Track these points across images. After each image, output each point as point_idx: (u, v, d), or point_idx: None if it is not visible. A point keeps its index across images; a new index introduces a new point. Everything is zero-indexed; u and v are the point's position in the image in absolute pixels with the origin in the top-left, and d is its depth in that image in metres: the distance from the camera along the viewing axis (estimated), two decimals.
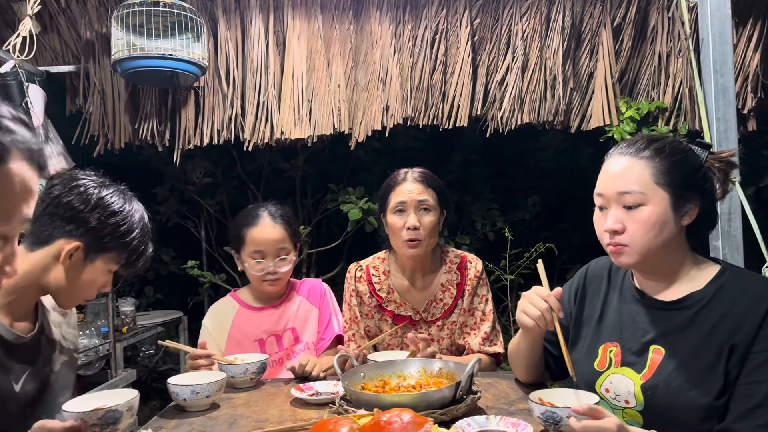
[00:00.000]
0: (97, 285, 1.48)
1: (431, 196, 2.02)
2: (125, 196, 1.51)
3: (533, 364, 1.67)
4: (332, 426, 1.15)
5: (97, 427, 1.24)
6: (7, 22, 3.37)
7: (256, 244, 2.08)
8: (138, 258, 1.51)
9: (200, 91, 3.36)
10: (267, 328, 2.15)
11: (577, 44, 3.29)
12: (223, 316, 2.17)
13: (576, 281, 1.64)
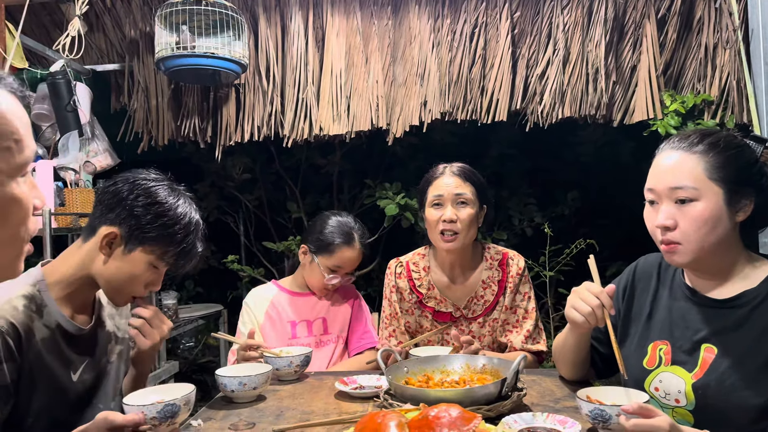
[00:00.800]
0: (141, 280, 1.46)
1: (469, 190, 2.02)
2: (174, 191, 1.49)
3: (579, 361, 1.65)
4: (380, 419, 1.15)
5: (156, 420, 1.27)
6: (55, 23, 3.47)
7: (342, 261, 2.22)
8: (181, 254, 1.47)
9: (241, 89, 3.40)
10: (301, 313, 2.27)
11: (620, 36, 3.22)
12: (262, 296, 2.31)
13: (624, 278, 1.62)
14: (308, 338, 2.24)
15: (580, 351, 1.63)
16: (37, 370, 1.35)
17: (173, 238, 1.44)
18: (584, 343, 1.61)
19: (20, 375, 1.32)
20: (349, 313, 2.33)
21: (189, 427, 1.45)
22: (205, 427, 1.45)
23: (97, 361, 1.53)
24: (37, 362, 1.35)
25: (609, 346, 1.62)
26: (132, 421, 1.22)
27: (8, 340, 1.29)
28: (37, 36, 3.35)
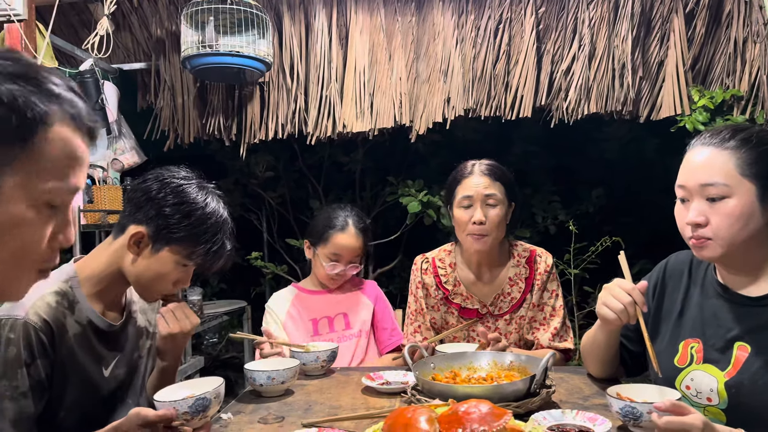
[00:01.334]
0: (170, 279, 1.45)
1: (498, 189, 1.99)
2: (203, 189, 1.47)
3: (609, 358, 1.64)
4: (411, 414, 1.16)
5: (188, 415, 1.28)
6: (83, 22, 3.53)
7: (338, 248, 2.21)
8: (209, 253, 1.44)
9: (265, 87, 3.43)
10: (321, 310, 2.27)
11: (647, 31, 3.18)
12: (283, 297, 2.32)
13: (655, 276, 1.60)
14: (330, 334, 2.25)
15: (610, 348, 1.61)
16: (70, 366, 1.37)
17: (201, 237, 1.42)
18: (614, 341, 1.60)
19: (53, 370, 1.34)
20: (372, 308, 2.32)
21: (219, 420, 1.47)
22: (235, 421, 1.47)
23: (128, 357, 1.55)
24: (70, 358, 1.37)
25: (638, 343, 1.60)
26: (164, 417, 1.23)
27: (42, 337, 1.31)
28: (65, 35, 3.41)
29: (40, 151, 0.76)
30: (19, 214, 0.77)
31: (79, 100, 0.82)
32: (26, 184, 0.76)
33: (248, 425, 1.44)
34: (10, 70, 0.75)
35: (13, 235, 0.78)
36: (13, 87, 0.74)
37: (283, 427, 1.40)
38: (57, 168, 0.79)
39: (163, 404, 1.29)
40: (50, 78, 0.79)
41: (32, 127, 0.75)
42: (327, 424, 1.37)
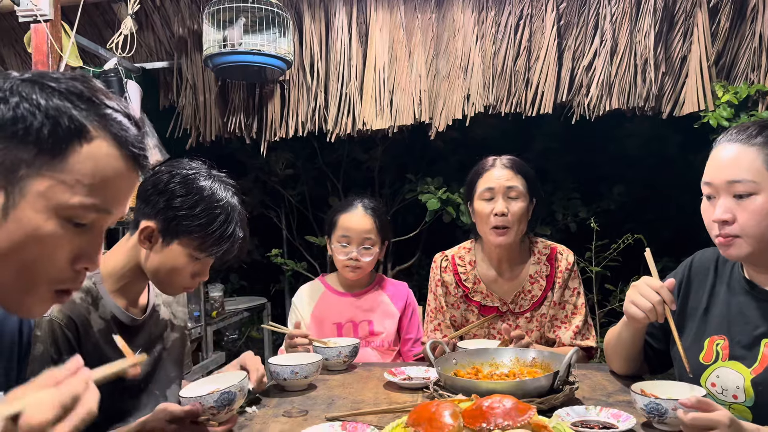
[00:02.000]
0: (186, 272, 1.43)
1: (520, 182, 1.98)
2: (211, 178, 1.43)
3: (633, 356, 1.63)
4: (435, 408, 1.16)
5: (214, 409, 1.29)
6: (107, 22, 3.58)
7: (345, 230, 2.18)
8: (220, 243, 1.40)
9: (285, 85, 3.45)
10: (346, 314, 2.24)
11: (669, 26, 3.14)
12: (309, 296, 2.29)
13: (680, 272, 1.59)
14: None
15: (635, 346, 1.60)
16: (94, 361, 1.39)
17: (209, 228, 1.38)
18: (639, 339, 1.59)
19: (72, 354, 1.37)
20: (398, 317, 2.27)
21: (244, 414, 1.49)
22: (260, 414, 1.49)
23: (151, 350, 1.57)
24: (95, 353, 1.38)
25: (663, 341, 1.59)
26: (190, 412, 1.25)
27: (67, 333, 1.33)
28: (89, 35, 3.46)
29: (71, 164, 0.77)
30: (38, 223, 0.76)
31: (131, 126, 0.83)
32: (50, 195, 0.76)
33: (273, 418, 1.46)
34: (64, 87, 0.78)
35: (28, 244, 0.77)
36: (59, 102, 0.77)
37: (307, 421, 1.42)
38: (88, 185, 0.78)
39: (188, 400, 1.30)
40: (105, 100, 0.81)
41: (65, 139, 0.76)
42: (350, 418, 1.38)
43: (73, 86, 0.79)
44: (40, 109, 0.75)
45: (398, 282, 2.40)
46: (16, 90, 0.76)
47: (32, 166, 0.76)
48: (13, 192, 0.76)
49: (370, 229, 2.18)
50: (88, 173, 0.78)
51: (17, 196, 0.76)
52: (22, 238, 0.76)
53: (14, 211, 0.76)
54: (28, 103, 0.75)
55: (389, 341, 2.25)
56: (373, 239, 2.19)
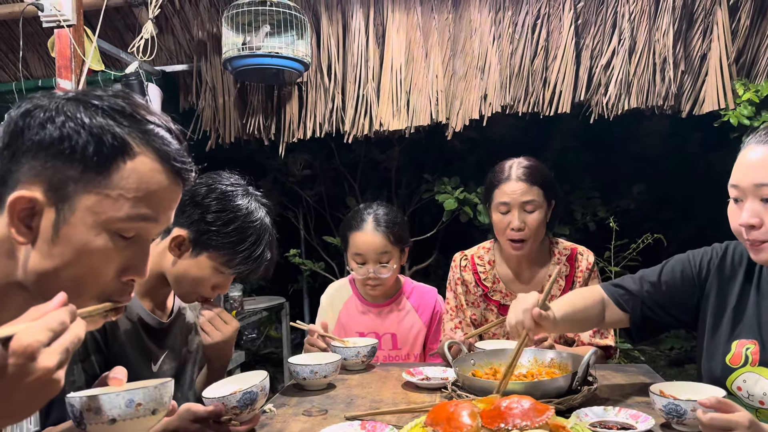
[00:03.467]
0: (208, 283, 1.45)
1: (536, 194, 1.95)
2: (248, 196, 1.46)
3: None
4: (453, 408, 1.17)
5: (237, 409, 1.31)
6: (128, 26, 3.63)
7: (358, 248, 2.10)
8: (248, 262, 1.43)
9: (303, 86, 3.48)
10: (369, 325, 2.21)
11: (689, 24, 3.12)
12: (337, 299, 2.27)
13: (712, 255, 1.52)
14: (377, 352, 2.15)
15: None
16: (121, 362, 1.42)
17: (240, 246, 1.41)
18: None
19: (107, 366, 1.40)
20: (424, 331, 2.22)
21: (264, 413, 1.51)
22: (280, 413, 1.51)
23: (177, 353, 1.60)
24: (121, 354, 1.41)
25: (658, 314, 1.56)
26: (213, 412, 1.27)
27: (95, 334, 1.36)
28: (111, 39, 3.52)
29: (117, 180, 0.80)
30: (89, 238, 0.79)
31: (173, 141, 0.85)
32: (98, 210, 0.79)
33: (293, 417, 1.48)
34: (106, 105, 0.81)
35: (79, 259, 0.79)
36: (102, 120, 0.79)
37: (327, 420, 1.44)
38: (133, 198, 0.81)
39: (211, 400, 1.32)
40: (146, 116, 0.83)
41: (110, 156, 0.79)
42: (369, 418, 1.40)
43: (115, 103, 0.81)
44: (84, 128, 0.78)
45: (426, 288, 2.32)
46: (61, 109, 0.79)
47: (79, 182, 0.78)
48: (63, 209, 0.79)
49: (383, 246, 2.08)
50: (133, 188, 0.81)
51: (67, 212, 0.79)
52: (74, 253, 0.79)
53: (65, 227, 0.79)
54: (73, 122, 0.78)
55: (415, 354, 2.21)
56: (389, 254, 2.10)
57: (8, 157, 0.80)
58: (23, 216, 0.78)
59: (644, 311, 1.57)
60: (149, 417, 0.99)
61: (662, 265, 1.59)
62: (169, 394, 1.03)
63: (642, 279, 1.59)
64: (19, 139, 0.79)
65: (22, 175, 0.79)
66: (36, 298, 0.82)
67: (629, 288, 1.59)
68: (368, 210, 2.14)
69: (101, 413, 0.96)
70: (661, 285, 1.55)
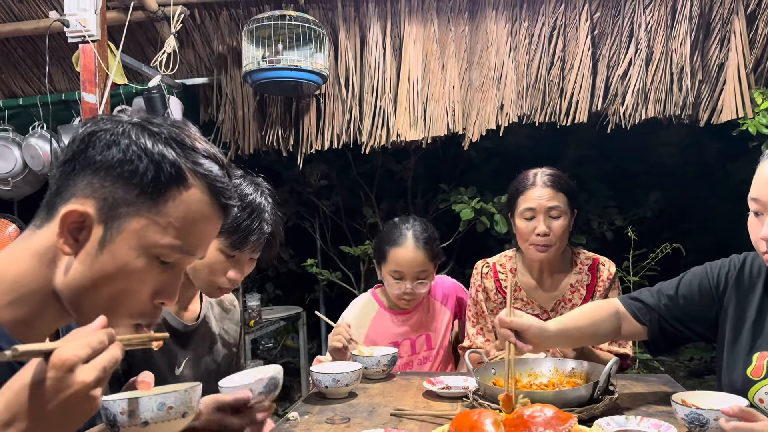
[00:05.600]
0: (220, 269, 1.49)
1: (561, 200, 1.98)
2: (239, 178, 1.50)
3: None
4: (476, 417, 1.19)
5: (262, 395, 1.34)
6: (149, 40, 3.70)
7: (397, 265, 2.10)
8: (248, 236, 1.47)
9: (321, 98, 3.52)
10: (403, 332, 2.21)
11: (706, 34, 3.12)
12: (363, 317, 2.24)
13: (730, 267, 1.52)
14: (411, 356, 2.21)
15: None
16: (144, 364, 1.45)
17: (237, 220, 1.45)
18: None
19: (130, 367, 1.43)
20: (452, 317, 2.25)
21: (287, 421, 1.53)
22: (303, 421, 1.53)
23: (199, 358, 1.62)
24: (144, 356, 1.44)
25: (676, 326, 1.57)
26: (240, 400, 1.26)
27: None
28: (133, 53, 3.59)
29: (167, 208, 0.83)
30: (130, 259, 0.83)
31: (223, 177, 0.89)
32: (144, 234, 0.83)
33: (316, 425, 1.50)
34: (166, 134, 0.85)
35: (118, 277, 0.83)
36: (162, 148, 0.83)
37: (350, 428, 1.46)
38: (178, 227, 0.84)
39: (235, 388, 1.34)
40: (202, 149, 0.87)
41: (166, 184, 0.83)
42: (412, 416, 1.42)
43: (175, 133, 0.85)
44: (146, 154, 0.82)
45: (443, 278, 2.35)
46: (126, 133, 0.83)
47: (132, 205, 0.82)
48: (112, 227, 0.82)
49: (423, 263, 2.10)
50: (180, 217, 0.85)
51: (114, 231, 0.82)
52: (113, 271, 0.83)
53: (110, 245, 0.82)
54: (136, 146, 0.82)
55: (445, 345, 2.23)
56: (427, 271, 2.13)
57: (68, 171, 0.84)
58: (72, 228, 0.82)
59: (662, 324, 1.58)
60: (179, 420, 1.00)
61: (680, 278, 1.60)
62: (197, 398, 1.05)
63: (659, 292, 1.59)
64: (83, 156, 0.83)
65: (78, 190, 0.83)
66: (68, 312, 0.86)
67: (647, 301, 1.60)
68: (406, 225, 2.15)
69: (135, 416, 0.97)
70: (678, 298, 1.55)
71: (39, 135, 3.37)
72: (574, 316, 1.66)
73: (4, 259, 0.86)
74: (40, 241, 0.84)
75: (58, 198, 0.84)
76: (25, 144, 3.37)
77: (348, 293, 4.75)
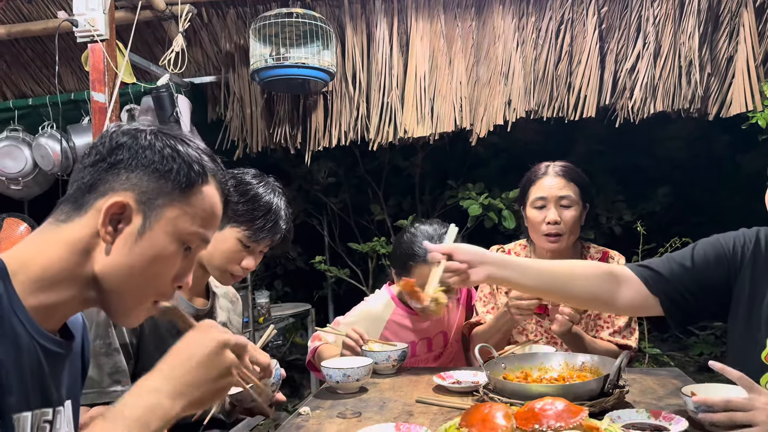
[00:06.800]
0: (237, 258, 1.61)
1: (573, 190, 1.99)
2: (260, 177, 1.66)
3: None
4: (487, 410, 1.20)
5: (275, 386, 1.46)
6: (157, 39, 3.72)
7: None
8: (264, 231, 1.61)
9: (329, 96, 3.53)
10: (420, 332, 2.16)
11: (714, 27, 3.10)
12: (378, 318, 2.16)
13: (745, 240, 1.47)
14: (428, 354, 2.20)
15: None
16: (156, 339, 1.54)
17: (255, 213, 1.60)
18: None
19: (140, 340, 1.53)
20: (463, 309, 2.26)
21: (299, 416, 1.54)
22: (315, 415, 1.54)
23: None
24: (154, 330, 1.54)
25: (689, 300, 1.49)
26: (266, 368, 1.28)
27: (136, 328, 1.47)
28: (141, 52, 3.60)
29: (194, 200, 0.95)
30: (165, 245, 0.93)
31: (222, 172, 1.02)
32: (177, 222, 0.94)
33: (328, 419, 1.51)
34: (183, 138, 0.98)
35: (154, 262, 0.93)
36: (189, 150, 0.96)
37: (361, 422, 1.46)
38: (201, 217, 0.96)
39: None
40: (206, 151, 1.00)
41: (194, 180, 0.95)
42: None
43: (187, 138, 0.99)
44: (179, 155, 0.95)
45: None
46: (159, 138, 0.95)
47: (167, 197, 0.93)
48: (150, 216, 0.93)
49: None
50: (204, 208, 0.97)
51: (153, 220, 0.93)
52: (151, 256, 0.93)
53: (149, 232, 0.92)
54: (169, 149, 0.94)
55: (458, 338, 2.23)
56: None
57: (104, 168, 0.93)
58: (113, 219, 0.91)
59: (674, 296, 1.49)
60: None
61: (691, 247, 1.53)
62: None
63: (671, 260, 1.52)
64: (117, 157, 0.93)
65: (118, 185, 0.92)
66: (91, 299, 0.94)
67: (658, 269, 1.50)
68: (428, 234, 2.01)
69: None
70: (692, 268, 1.48)
71: (49, 135, 3.39)
72: (550, 263, 1.61)
73: (29, 250, 0.91)
74: (70, 233, 0.91)
75: (91, 194, 0.92)
76: (35, 144, 3.40)
77: (356, 290, 4.76)
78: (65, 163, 3.29)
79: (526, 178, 2.08)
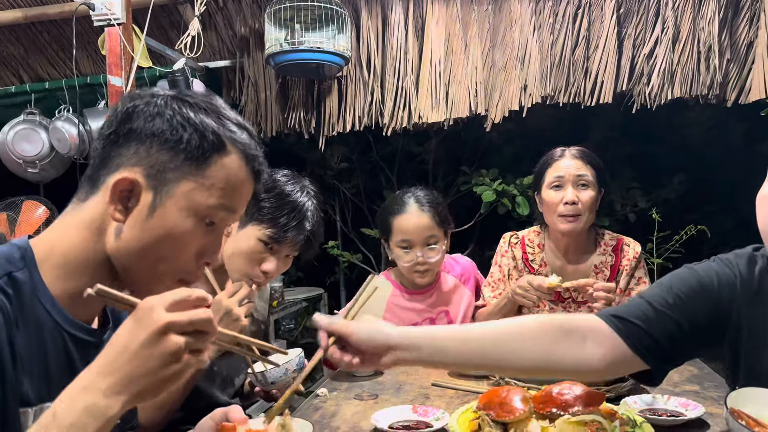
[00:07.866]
0: (258, 260, 1.51)
1: (590, 172, 1.99)
2: (293, 178, 1.56)
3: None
4: (505, 393, 1.21)
5: (295, 373, 1.45)
6: (172, 23, 3.72)
7: (403, 233, 2.02)
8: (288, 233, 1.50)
9: (343, 80, 3.52)
10: (422, 312, 2.18)
11: (734, 12, 3.06)
12: (378, 300, 2.16)
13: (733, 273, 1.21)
14: None
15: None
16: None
17: (280, 212, 1.50)
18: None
19: None
20: (472, 296, 2.22)
21: (316, 397, 1.56)
22: (332, 397, 1.56)
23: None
24: None
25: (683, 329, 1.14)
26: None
27: None
28: (156, 36, 3.61)
29: (211, 172, 0.88)
30: (179, 221, 0.87)
31: (253, 142, 0.93)
32: (192, 196, 0.87)
33: (345, 401, 1.53)
34: (203, 105, 0.89)
35: (167, 239, 0.87)
36: (204, 118, 0.87)
37: (378, 404, 1.48)
38: (222, 190, 0.89)
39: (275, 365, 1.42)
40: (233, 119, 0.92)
41: (210, 150, 0.88)
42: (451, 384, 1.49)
43: (209, 104, 0.90)
44: (190, 123, 0.87)
45: (460, 257, 2.32)
46: (169, 104, 0.87)
47: (179, 170, 0.86)
48: (161, 192, 0.86)
49: (430, 226, 2.01)
50: (223, 179, 0.89)
51: (164, 196, 0.86)
52: (163, 233, 0.87)
53: (161, 209, 0.86)
54: (180, 116, 0.87)
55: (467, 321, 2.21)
56: (436, 236, 2.03)
57: (113, 142, 0.87)
58: (123, 197, 0.86)
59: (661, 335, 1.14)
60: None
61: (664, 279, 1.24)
62: None
63: (643, 302, 1.17)
64: (126, 128, 0.87)
65: (125, 160, 0.86)
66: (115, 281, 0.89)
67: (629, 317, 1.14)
68: (407, 194, 2.08)
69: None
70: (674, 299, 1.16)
71: (65, 118, 3.42)
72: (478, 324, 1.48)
73: (52, 235, 0.89)
74: (87, 213, 0.87)
75: (103, 170, 0.87)
76: (52, 127, 3.43)
77: (368, 275, 4.77)
78: (81, 146, 3.32)
79: (542, 161, 2.08)
